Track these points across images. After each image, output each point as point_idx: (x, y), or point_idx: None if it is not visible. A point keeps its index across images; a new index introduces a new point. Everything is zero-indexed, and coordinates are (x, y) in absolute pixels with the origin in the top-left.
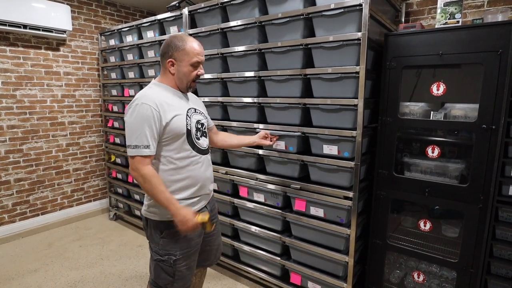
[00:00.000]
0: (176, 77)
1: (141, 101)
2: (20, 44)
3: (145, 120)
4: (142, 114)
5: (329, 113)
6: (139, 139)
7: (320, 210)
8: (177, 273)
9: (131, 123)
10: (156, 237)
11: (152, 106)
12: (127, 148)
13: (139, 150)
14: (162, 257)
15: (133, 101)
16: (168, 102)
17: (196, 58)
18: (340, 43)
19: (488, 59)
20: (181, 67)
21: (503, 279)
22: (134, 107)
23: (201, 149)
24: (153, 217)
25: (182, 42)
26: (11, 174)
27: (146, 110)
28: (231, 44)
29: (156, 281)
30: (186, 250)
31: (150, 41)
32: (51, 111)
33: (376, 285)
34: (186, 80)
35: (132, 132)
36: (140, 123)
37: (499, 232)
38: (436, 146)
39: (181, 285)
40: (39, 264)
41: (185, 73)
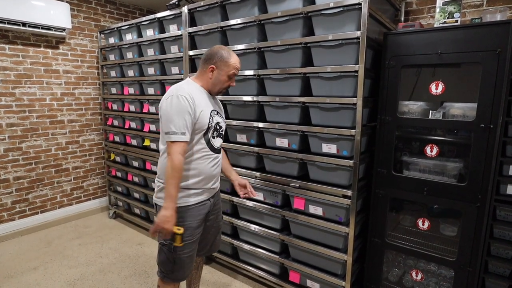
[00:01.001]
0: (211, 82)
1: (179, 93)
2: (19, 42)
3: (182, 110)
4: (179, 104)
5: (328, 111)
6: (177, 127)
7: (319, 208)
8: (177, 260)
9: (169, 113)
10: None
11: (187, 98)
12: (166, 135)
13: (176, 136)
14: (165, 241)
15: (169, 92)
16: (198, 98)
17: (234, 71)
18: (339, 42)
19: (487, 58)
20: (220, 75)
21: (501, 278)
22: (172, 98)
23: (214, 147)
24: (160, 202)
25: (228, 54)
26: (10, 172)
27: (184, 101)
28: (231, 43)
29: (160, 266)
30: (188, 239)
31: (149, 39)
32: (51, 109)
33: (375, 284)
34: (220, 87)
35: (170, 120)
36: (177, 112)
37: (496, 230)
38: (434, 145)
39: (181, 274)
40: (38, 262)
41: (221, 80)
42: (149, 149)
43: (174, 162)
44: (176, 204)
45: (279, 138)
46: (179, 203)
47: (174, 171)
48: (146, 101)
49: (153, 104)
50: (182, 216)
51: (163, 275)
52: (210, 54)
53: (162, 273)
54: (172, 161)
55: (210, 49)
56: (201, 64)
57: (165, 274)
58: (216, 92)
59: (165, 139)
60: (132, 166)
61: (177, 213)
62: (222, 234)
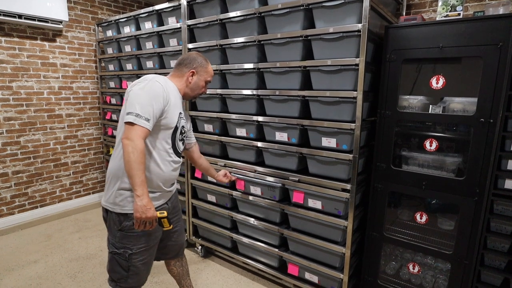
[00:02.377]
0: (190, 86)
1: (155, 79)
2: (15, 34)
3: (154, 96)
4: (153, 90)
5: (328, 105)
6: (143, 110)
7: (318, 202)
8: (132, 267)
9: (139, 94)
10: (114, 229)
11: (164, 87)
12: (127, 114)
13: (140, 120)
14: (118, 250)
15: (144, 78)
16: (173, 95)
17: (210, 78)
18: (340, 35)
19: (488, 52)
20: (199, 80)
21: (496, 271)
22: (146, 82)
23: (178, 151)
24: (113, 208)
25: (206, 62)
26: (9, 167)
27: (158, 88)
28: (230, 36)
29: (111, 274)
30: (143, 245)
31: (148, 32)
32: (48, 103)
33: (372, 276)
34: (197, 91)
35: (138, 101)
36: (149, 96)
37: (493, 224)
38: (434, 139)
39: (135, 281)
40: (39, 256)
41: (199, 86)
42: None
43: (137, 145)
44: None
45: (278, 132)
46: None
47: (139, 154)
48: None
49: None
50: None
51: (114, 284)
52: (189, 59)
53: (113, 282)
54: (135, 145)
55: (187, 54)
56: (178, 67)
57: (117, 282)
58: (192, 96)
59: (125, 119)
60: None
61: (131, 220)
62: (221, 227)
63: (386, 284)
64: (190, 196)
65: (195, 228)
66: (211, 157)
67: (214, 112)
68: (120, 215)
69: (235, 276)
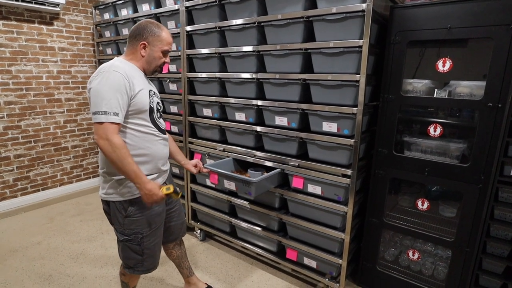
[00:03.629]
0: (145, 59)
1: (112, 69)
2: (12, 17)
3: (115, 87)
4: (112, 81)
5: (329, 89)
6: (109, 106)
7: (317, 187)
8: (145, 250)
9: (100, 90)
10: (120, 217)
11: (123, 75)
12: (94, 115)
13: (108, 116)
14: (128, 236)
15: (100, 69)
16: (135, 77)
17: (167, 47)
18: (343, 15)
19: (499, 33)
20: (153, 51)
21: (498, 258)
22: (103, 74)
23: (161, 128)
24: (114, 198)
25: (158, 29)
26: (10, 150)
27: (118, 78)
28: (230, 17)
29: (126, 262)
30: (152, 226)
31: (145, 14)
32: (47, 88)
33: (371, 262)
34: (155, 64)
35: (101, 98)
36: (110, 90)
37: (497, 212)
38: (438, 125)
39: (150, 263)
40: (41, 237)
41: (155, 57)
42: None
43: (115, 142)
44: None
45: (278, 117)
46: (136, 193)
47: (120, 150)
48: None
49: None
50: (141, 207)
51: (132, 270)
52: (138, 29)
53: (130, 268)
54: (113, 143)
55: (137, 23)
56: (130, 41)
57: (134, 268)
58: (151, 70)
59: (93, 120)
60: None
61: (136, 203)
62: (220, 212)
63: (385, 270)
64: (189, 180)
65: (194, 212)
66: (210, 142)
67: (213, 96)
68: (122, 202)
69: (234, 260)
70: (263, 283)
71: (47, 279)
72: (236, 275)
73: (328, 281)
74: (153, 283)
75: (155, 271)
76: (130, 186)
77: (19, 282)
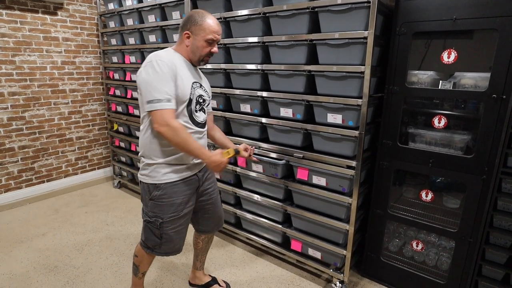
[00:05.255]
0: (189, 49)
1: (157, 59)
2: (16, 7)
3: (163, 76)
4: (160, 70)
5: (334, 80)
6: (161, 93)
7: (322, 179)
8: (164, 235)
9: (150, 80)
10: (146, 198)
11: (168, 64)
12: (148, 104)
13: (163, 103)
14: (150, 218)
15: (147, 60)
16: (180, 67)
17: (211, 36)
18: (348, 6)
19: (504, 24)
20: (196, 40)
21: (501, 249)
22: (150, 64)
23: (197, 121)
24: (144, 179)
25: (201, 18)
26: (15, 141)
27: (164, 66)
28: (235, 8)
29: (146, 242)
30: (173, 215)
31: (150, 4)
32: (52, 78)
33: (375, 253)
34: (199, 54)
35: (152, 88)
36: (159, 79)
37: (501, 203)
38: (443, 116)
39: (169, 247)
40: (46, 229)
41: (198, 47)
42: None
43: (175, 126)
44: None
45: (283, 108)
46: (163, 179)
47: (182, 132)
48: None
49: None
50: (166, 193)
51: (150, 250)
52: (184, 20)
53: (149, 248)
54: (173, 127)
55: (186, 15)
56: (179, 33)
57: (152, 249)
58: (197, 60)
59: (146, 109)
60: (135, 136)
61: (161, 189)
62: (225, 203)
63: (388, 261)
64: None
65: None
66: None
67: (217, 87)
68: (149, 185)
69: (239, 251)
70: (268, 274)
71: (52, 270)
72: (241, 266)
73: (332, 271)
74: (163, 273)
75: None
76: (158, 171)
77: (25, 273)
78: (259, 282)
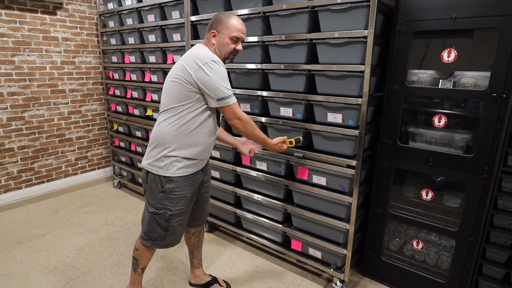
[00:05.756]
0: (216, 47)
1: (213, 59)
2: (15, 7)
3: (223, 74)
4: (220, 69)
5: (334, 80)
6: (228, 90)
7: (322, 178)
8: (170, 228)
9: (216, 79)
10: (156, 190)
11: (220, 62)
12: (222, 100)
13: (231, 99)
14: (158, 210)
15: (202, 59)
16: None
17: (236, 34)
18: (348, 5)
19: (504, 23)
20: (221, 38)
21: (502, 248)
22: (210, 64)
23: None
24: (155, 171)
25: (227, 17)
26: (14, 142)
27: (221, 65)
28: (234, 7)
29: (149, 234)
30: (182, 207)
31: (149, 4)
32: (51, 78)
33: (376, 253)
34: (224, 51)
35: (219, 86)
36: (222, 76)
37: (501, 202)
38: (443, 115)
39: (171, 240)
40: (46, 229)
41: (224, 44)
42: (151, 119)
43: (245, 118)
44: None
45: (283, 107)
46: (178, 173)
47: (251, 123)
48: (147, 69)
49: (154, 72)
50: (179, 186)
51: (151, 242)
52: (211, 21)
53: (150, 241)
54: (243, 120)
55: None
56: (206, 33)
57: (154, 241)
58: (224, 58)
59: (223, 104)
60: (135, 136)
61: (175, 182)
62: (225, 203)
63: (389, 260)
64: None
65: None
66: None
67: None
68: (163, 177)
69: (239, 250)
70: (268, 273)
71: (52, 271)
72: (242, 266)
73: (333, 271)
74: (162, 273)
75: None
76: (175, 165)
77: (24, 274)
78: (260, 281)
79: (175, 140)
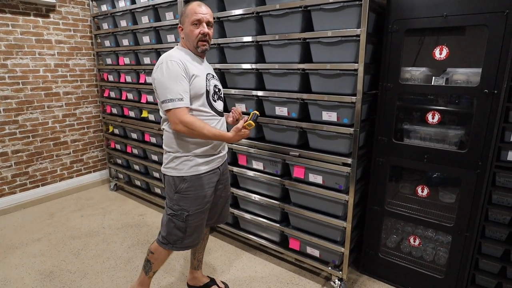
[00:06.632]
0: (185, 40)
1: (168, 59)
2: (7, 10)
3: (175, 75)
4: (171, 70)
5: (328, 78)
6: (173, 93)
7: (318, 177)
8: (188, 229)
9: (163, 81)
10: (171, 192)
11: (178, 62)
12: (163, 104)
13: (175, 103)
14: (175, 212)
15: (159, 62)
16: (190, 64)
17: (194, 17)
18: (340, 5)
19: (493, 20)
20: (186, 28)
21: (497, 242)
22: (162, 65)
23: (217, 111)
24: (169, 172)
25: (185, 7)
26: (8, 146)
27: (174, 66)
28: (228, 7)
29: (167, 237)
30: (199, 207)
31: (143, 5)
32: (45, 81)
33: (373, 250)
34: (192, 40)
35: (164, 88)
36: (171, 79)
37: (495, 197)
38: (436, 112)
39: (190, 241)
40: (42, 234)
41: (188, 33)
42: (147, 120)
43: (187, 121)
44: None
45: (278, 107)
46: (189, 172)
47: (194, 125)
48: (142, 71)
49: (149, 74)
50: (192, 185)
51: (170, 246)
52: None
53: (169, 244)
54: (185, 123)
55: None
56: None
57: (173, 244)
58: (194, 47)
59: (163, 108)
60: (131, 138)
61: (188, 181)
62: None
63: (387, 257)
64: None
65: None
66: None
67: None
68: (175, 178)
69: (237, 251)
70: (267, 273)
71: (48, 276)
72: (240, 266)
73: (331, 269)
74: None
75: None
76: (186, 164)
77: (19, 279)
78: (258, 281)
79: (179, 143)
